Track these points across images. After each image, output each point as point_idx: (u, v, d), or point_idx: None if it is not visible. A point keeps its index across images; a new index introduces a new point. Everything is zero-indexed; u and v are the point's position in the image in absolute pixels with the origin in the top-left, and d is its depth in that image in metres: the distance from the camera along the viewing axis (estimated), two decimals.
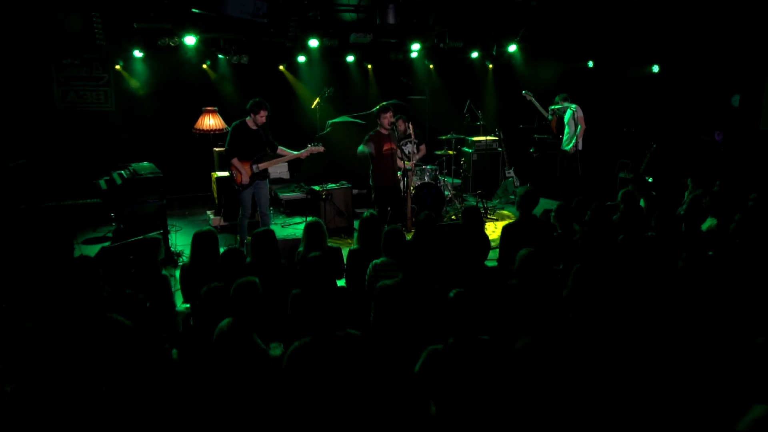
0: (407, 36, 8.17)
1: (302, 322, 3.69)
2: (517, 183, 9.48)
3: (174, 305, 4.23)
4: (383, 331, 3.69)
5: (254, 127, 5.99)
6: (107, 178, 6.32)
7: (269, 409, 2.83)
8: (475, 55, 10.08)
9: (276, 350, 3.30)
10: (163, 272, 4.30)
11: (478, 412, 2.84)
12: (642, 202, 6.24)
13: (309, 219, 4.71)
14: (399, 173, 6.76)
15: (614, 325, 3.43)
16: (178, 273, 4.95)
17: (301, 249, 4.67)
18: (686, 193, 6.68)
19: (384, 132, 6.24)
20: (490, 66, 10.77)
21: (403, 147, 7.10)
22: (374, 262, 4.28)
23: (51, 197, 5.63)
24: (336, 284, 4.32)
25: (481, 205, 8.20)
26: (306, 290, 3.84)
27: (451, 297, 3.00)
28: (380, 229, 4.68)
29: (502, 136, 9.43)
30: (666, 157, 8.17)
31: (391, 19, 5.96)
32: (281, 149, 6.24)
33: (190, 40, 7.03)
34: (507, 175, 9.47)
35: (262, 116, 5.87)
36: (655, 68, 9.34)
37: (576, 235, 5.06)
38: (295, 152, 6.30)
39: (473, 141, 9.44)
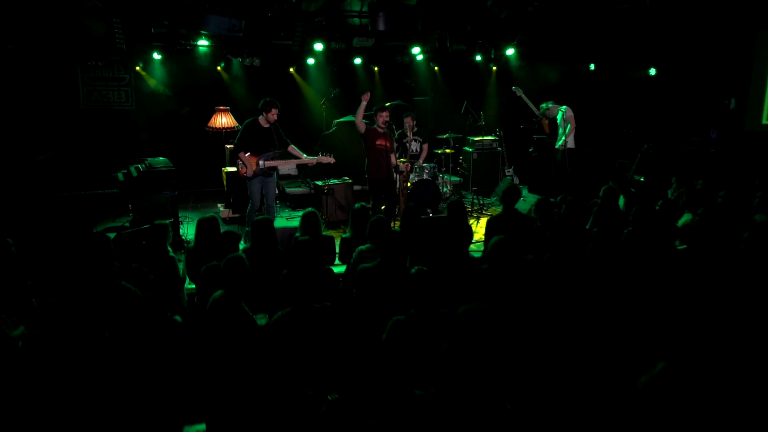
0: (408, 40, 8.58)
1: (287, 296, 4.15)
2: (517, 181, 9.85)
3: (180, 282, 4.71)
4: (363, 306, 4.13)
5: (266, 125, 6.45)
6: (125, 171, 6.85)
7: (253, 366, 3.29)
8: (478, 58, 10.48)
9: (262, 320, 3.76)
10: (171, 254, 4.80)
11: (435, 374, 3.26)
12: (622, 199, 6.58)
13: (306, 210, 5.13)
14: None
15: (575, 309, 3.84)
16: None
17: (297, 236, 5.13)
18: (669, 191, 6.99)
19: (379, 130, 6.66)
20: (494, 68, 11.13)
21: (408, 144, 7.55)
22: (359, 248, 4.72)
23: (73, 188, 6.19)
24: (324, 266, 4.75)
25: (477, 202, 8.58)
26: (293, 269, 4.30)
27: (413, 273, 3.42)
28: (369, 218, 5.13)
29: (502, 136, 9.80)
30: (656, 156, 8.45)
31: (381, 26, 6.38)
32: (292, 148, 6.69)
33: (203, 43, 7.53)
34: (507, 173, 9.83)
35: (273, 114, 6.32)
36: (652, 71, 9.62)
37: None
38: (306, 156, 6.74)
39: (474, 141, 9.82)
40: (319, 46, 8.09)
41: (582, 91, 10.30)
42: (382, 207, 6.88)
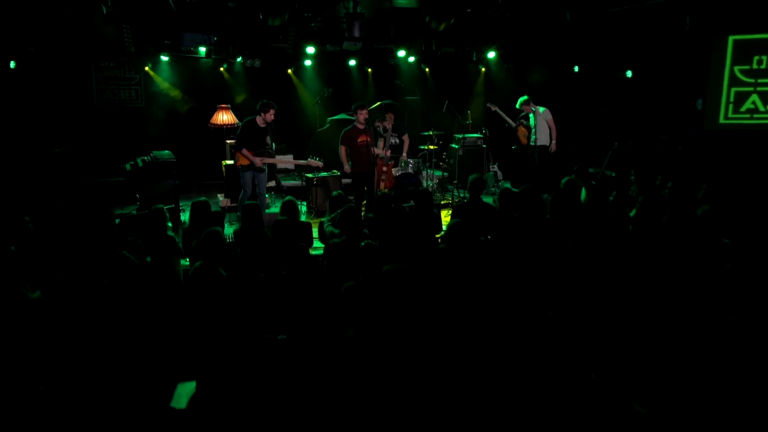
0: (394, 44, 9.23)
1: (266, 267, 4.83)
2: (500, 177, 10.47)
3: (180, 255, 5.40)
4: (330, 274, 4.80)
5: (263, 125, 7.13)
6: (132, 162, 7.59)
7: (226, 319, 3.96)
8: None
9: None
10: (170, 234, 5.49)
11: (380, 332, 3.91)
12: (584, 191, 7.18)
13: (286, 198, 5.81)
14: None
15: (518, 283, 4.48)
16: None
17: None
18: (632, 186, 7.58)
19: (360, 126, 7.31)
20: (483, 70, 11.74)
21: (386, 139, 8.22)
22: (332, 229, 5.39)
23: (86, 176, 6.93)
24: (298, 243, 5.41)
25: (458, 195, 9.21)
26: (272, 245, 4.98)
27: (362, 246, 4.08)
28: (345, 205, 5.79)
29: (488, 134, 10.40)
30: (627, 154, 9.02)
31: (356, 33, 7.03)
32: (279, 158, 7.39)
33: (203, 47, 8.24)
34: (491, 169, 10.45)
35: (270, 115, 6.99)
36: (629, 73, 10.18)
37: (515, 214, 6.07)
38: (296, 161, 7.41)
39: (460, 138, 10.44)
40: (311, 50, 8.76)
41: (567, 91, 10.88)
42: (365, 197, 7.55)
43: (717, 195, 6.49)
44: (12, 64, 8.18)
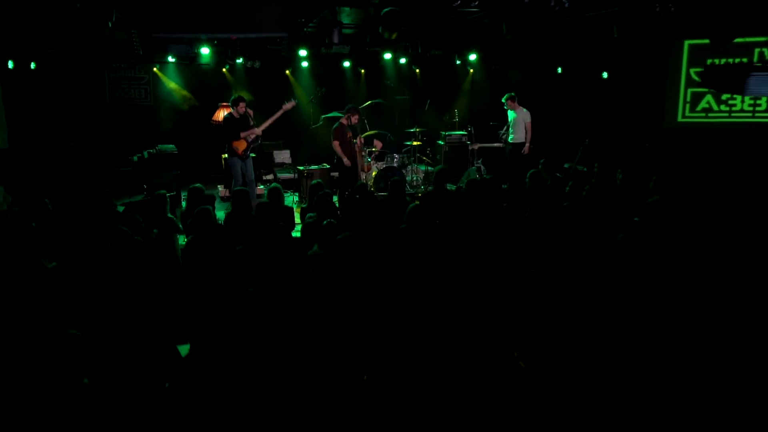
0: (382, 47, 9.97)
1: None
2: (484, 171, 11.17)
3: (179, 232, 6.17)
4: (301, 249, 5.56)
5: (237, 116, 7.99)
6: (139, 154, 8.40)
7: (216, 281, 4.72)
8: (458, 61, 11.78)
9: None
10: (170, 215, 6.28)
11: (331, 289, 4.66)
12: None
13: (271, 185, 6.58)
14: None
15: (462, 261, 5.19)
16: None
17: None
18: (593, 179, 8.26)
19: (345, 123, 8.11)
20: (471, 71, 12.44)
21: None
22: (309, 214, 6.15)
23: (97, 167, 7.74)
24: (277, 223, 6.16)
25: None
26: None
27: (324, 225, 4.83)
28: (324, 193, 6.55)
29: (473, 131, 11.10)
30: (596, 149, 9.69)
31: (336, 39, 7.78)
32: (260, 127, 8.23)
33: (204, 50, 9.03)
34: (476, 164, 11.15)
35: (241, 107, 7.90)
36: (605, 74, 10.82)
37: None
38: (273, 117, 8.20)
39: (445, 135, 11.15)
40: (303, 52, 9.53)
41: (550, 91, 11.55)
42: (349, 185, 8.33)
43: (667, 186, 7.17)
44: (32, 65, 9.01)
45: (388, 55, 10.19)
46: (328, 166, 9.37)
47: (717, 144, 8.33)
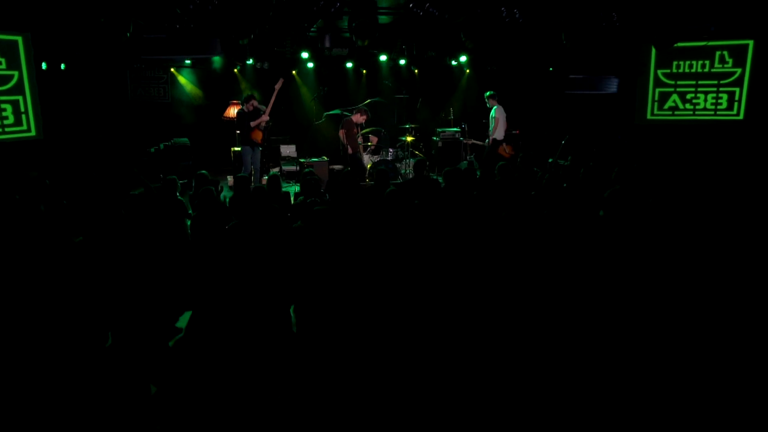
0: (381, 50, 10.81)
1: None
2: (476, 166, 11.94)
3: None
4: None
5: (248, 111, 8.89)
6: (156, 147, 9.35)
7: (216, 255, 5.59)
8: (454, 62, 12.56)
9: None
10: (180, 198, 7.19)
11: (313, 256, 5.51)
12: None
13: (271, 172, 7.46)
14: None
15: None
16: None
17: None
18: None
19: (355, 121, 9.12)
20: (467, 71, 13.21)
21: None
22: (300, 197, 7.02)
23: (119, 157, 8.70)
24: (270, 204, 7.03)
25: None
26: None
27: (307, 202, 5.68)
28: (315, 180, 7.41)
29: (466, 128, 11.88)
30: (575, 145, 10.42)
31: (327, 44, 8.63)
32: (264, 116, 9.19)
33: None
34: (468, 159, 11.92)
35: (251, 104, 8.77)
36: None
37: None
38: (271, 99, 9.12)
39: (440, 131, 11.95)
40: (305, 54, 10.41)
41: (543, 90, 12.28)
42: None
43: (629, 177, 7.91)
44: (62, 66, 10.01)
45: (383, 57, 11.01)
46: (327, 159, 10.24)
47: (682, 139, 9.00)
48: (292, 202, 8.09)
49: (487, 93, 10.36)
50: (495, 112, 10.18)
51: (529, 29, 7.47)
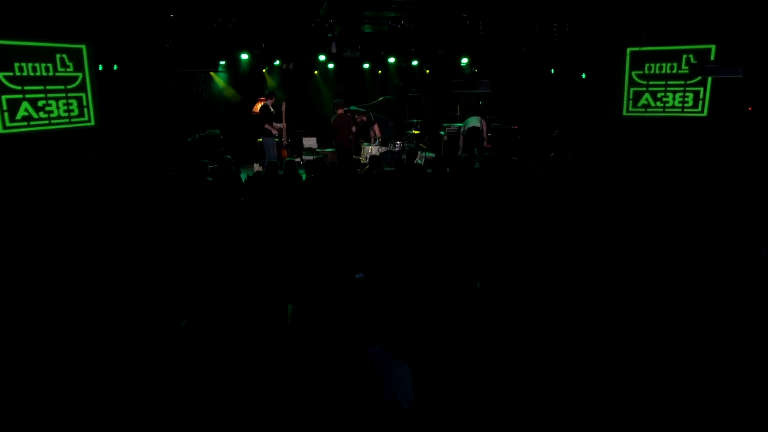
0: (387, 53, 12.14)
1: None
2: (478, 157, 13.14)
3: None
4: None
5: (272, 108, 10.35)
6: (193, 137, 10.91)
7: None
8: (464, 61, 13.76)
9: None
10: (209, 179, 8.68)
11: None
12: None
13: (286, 159, 8.87)
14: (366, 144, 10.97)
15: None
16: None
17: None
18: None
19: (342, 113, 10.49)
20: (475, 71, 14.39)
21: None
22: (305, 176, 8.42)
23: (161, 145, 10.29)
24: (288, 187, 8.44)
25: None
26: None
27: (303, 179, 7.05)
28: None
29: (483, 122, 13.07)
30: (566, 139, 11.51)
31: (333, 50, 10.00)
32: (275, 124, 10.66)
33: (244, 56, 11.47)
34: (473, 152, 13.12)
35: (273, 100, 10.23)
36: (584, 75, 12.55)
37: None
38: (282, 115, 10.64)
39: (446, 126, 13.18)
40: (322, 57, 11.83)
41: (544, 89, 13.38)
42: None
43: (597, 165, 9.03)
44: (115, 67, 11.67)
45: (392, 59, 12.35)
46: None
47: (654, 132, 10.03)
48: None
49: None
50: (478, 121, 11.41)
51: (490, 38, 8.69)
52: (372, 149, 11.47)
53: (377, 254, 5.50)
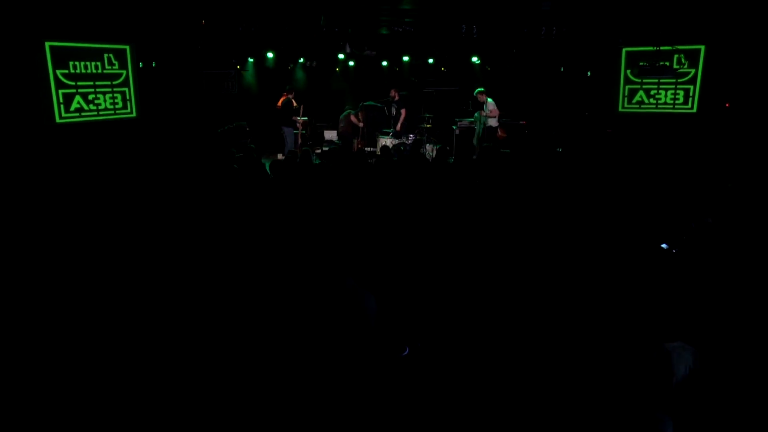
0: (401, 53, 13.05)
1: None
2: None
3: None
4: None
5: (294, 103, 11.39)
6: (222, 128, 12.00)
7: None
8: (475, 59, 14.55)
9: None
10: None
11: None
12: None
13: (304, 148, 9.88)
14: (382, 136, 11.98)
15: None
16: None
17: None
18: None
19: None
20: (488, 68, 15.17)
21: (389, 107, 12.25)
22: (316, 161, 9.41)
23: (195, 135, 11.42)
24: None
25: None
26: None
27: (316, 164, 8.02)
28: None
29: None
30: (566, 133, 12.26)
31: (347, 50, 10.91)
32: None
33: (269, 54, 12.52)
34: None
35: (293, 94, 11.27)
36: (588, 73, 13.24)
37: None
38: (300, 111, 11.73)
39: (458, 121, 14.01)
40: (341, 56, 12.80)
41: (550, 87, 14.11)
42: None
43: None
44: (153, 64, 12.83)
45: (405, 58, 13.25)
46: (355, 141, 12.61)
47: (647, 127, 10.73)
48: None
49: (479, 89, 12.35)
50: (490, 105, 12.18)
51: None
52: (385, 141, 12.38)
53: (369, 228, 6.45)
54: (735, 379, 3.39)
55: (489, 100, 12.20)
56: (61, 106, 9.52)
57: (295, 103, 11.60)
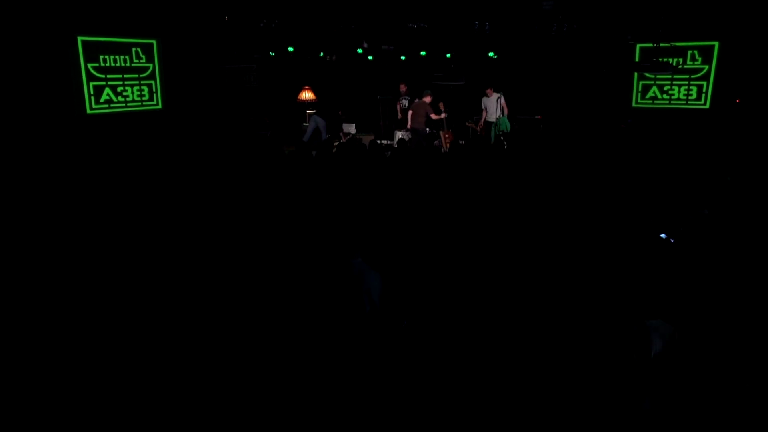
0: (419, 50, 13.30)
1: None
2: (505, 146, 14.14)
3: None
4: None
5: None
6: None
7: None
8: (495, 56, 14.73)
9: None
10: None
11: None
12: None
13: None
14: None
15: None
16: None
17: None
18: None
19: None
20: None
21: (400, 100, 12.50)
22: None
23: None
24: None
25: None
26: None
27: (335, 153, 8.35)
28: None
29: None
30: (580, 128, 12.40)
31: (364, 46, 11.18)
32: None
33: (290, 48, 12.86)
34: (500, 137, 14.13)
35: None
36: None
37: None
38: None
39: (475, 118, 14.23)
40: (358, 50, 13.10)
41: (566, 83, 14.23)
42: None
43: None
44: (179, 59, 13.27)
45: (422, 53, 13.51)
46: (372, 135, 12.92)
47: (661, 122, 10.84)
48: None
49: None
50: (501, 99, 12.40)
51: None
52: (401, 134, 12.63)
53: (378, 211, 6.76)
54: (710, 355, 3.63)
55: (500, 94, 12.45)
56: (92, 97, 10.00)
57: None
